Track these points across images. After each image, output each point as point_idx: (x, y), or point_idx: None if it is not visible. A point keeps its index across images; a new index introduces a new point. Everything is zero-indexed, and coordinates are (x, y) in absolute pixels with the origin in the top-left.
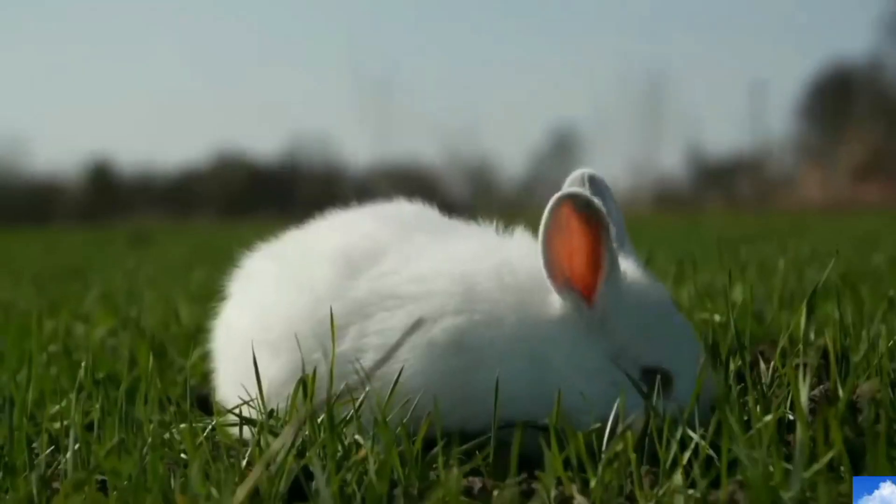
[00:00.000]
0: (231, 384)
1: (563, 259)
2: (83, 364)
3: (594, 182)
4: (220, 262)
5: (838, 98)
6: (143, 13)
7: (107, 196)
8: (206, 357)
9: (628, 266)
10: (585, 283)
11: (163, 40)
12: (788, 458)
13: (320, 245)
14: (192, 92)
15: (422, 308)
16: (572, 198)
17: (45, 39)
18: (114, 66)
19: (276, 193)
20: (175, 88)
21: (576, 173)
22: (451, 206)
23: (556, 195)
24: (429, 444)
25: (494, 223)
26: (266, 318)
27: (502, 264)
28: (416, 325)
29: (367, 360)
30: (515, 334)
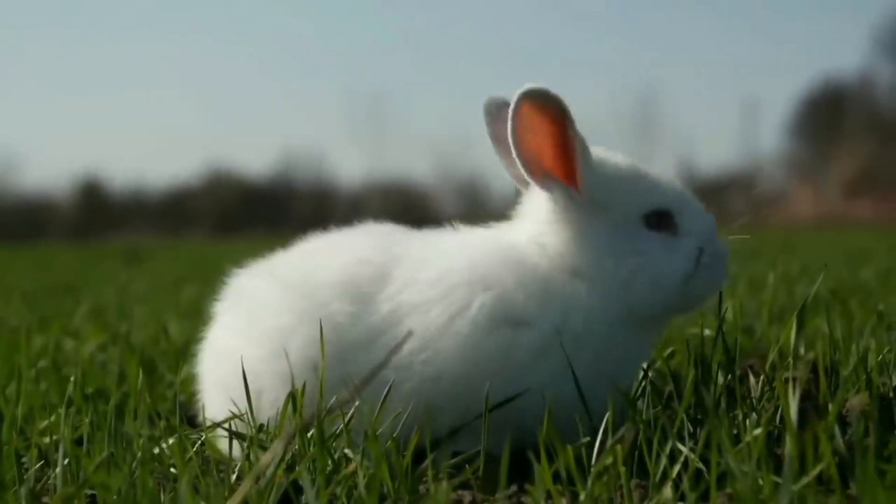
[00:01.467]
0: (226, 412)
1: (537, 154)
2: (72, 379)
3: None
4: (212, 279)
5: (829, 114)
6: (134, 33)
7: (99, 213)
8: (195, 373)
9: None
10: (564, 171)
11: (155, 59)
12: (778, 471)
13: (324, 276)
14: (185, 109)
15: (450, 304)
16: (529, 95)
17: (37, 58)
18: (105, 84)
19: (269, 210)
20: (167, 106)
21: (488, 100)
22: (443, 222)
23: (515, 96)
24: (419, 457)
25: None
26: (278, 347)
27: (497, 245)
28: (406, 337)
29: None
30: (537, 292)
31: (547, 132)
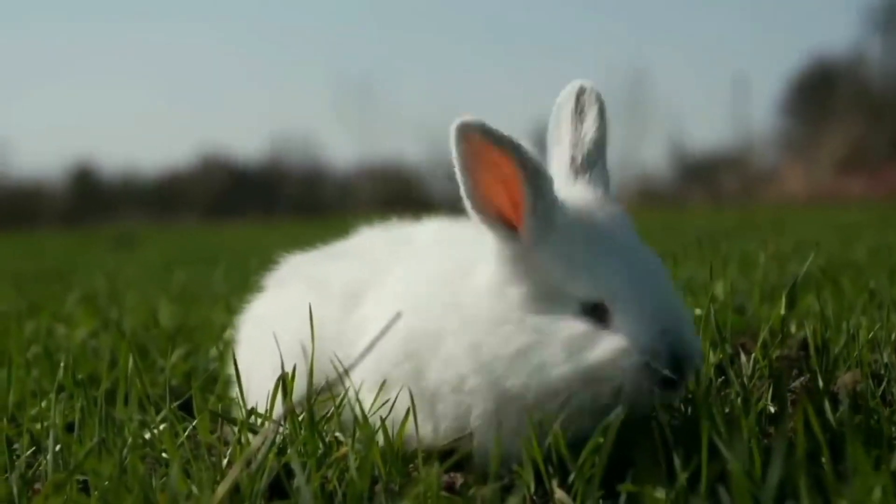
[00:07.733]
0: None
1: (486, 190)
2: (62, 364)
3: (581, 95)
4: (202, 264)
5: (820, 92)
6: (124, 17)
7: (90, 199)
8: (186, 357)
9: (580, 192)
10: (515, 216)
11: (145, 42)
12: (769, 449)
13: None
14: (175, 93)
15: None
16: (462, 129)
17: (27, 41)
18: (96, 68)
19: (261, 194)
20: (159, 90)
21: (570, 86)
22: (434, 205)
23: (453, 126)
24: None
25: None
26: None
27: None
28: (395, 319)
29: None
30: (452, 328)
31: (491, 167)
